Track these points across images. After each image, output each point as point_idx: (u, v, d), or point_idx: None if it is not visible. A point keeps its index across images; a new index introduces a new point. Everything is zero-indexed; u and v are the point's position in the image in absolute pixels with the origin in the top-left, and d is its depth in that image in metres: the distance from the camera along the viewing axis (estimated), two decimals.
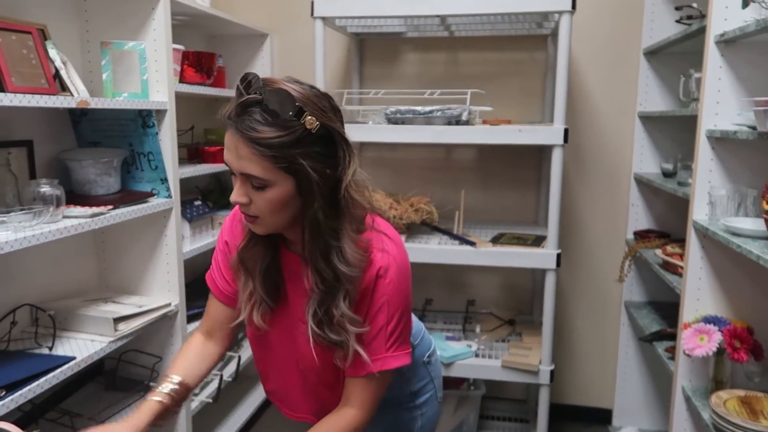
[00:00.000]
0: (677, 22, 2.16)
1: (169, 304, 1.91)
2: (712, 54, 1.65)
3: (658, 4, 2.40)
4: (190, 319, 2.06)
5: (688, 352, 1.66)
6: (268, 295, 1.13)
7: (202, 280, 1.33)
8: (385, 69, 2.74)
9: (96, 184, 1.76)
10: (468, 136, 2.15)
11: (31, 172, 1.68)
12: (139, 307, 1.82)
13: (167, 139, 1.88)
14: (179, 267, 1.95)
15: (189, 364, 1.22)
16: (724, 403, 1.57)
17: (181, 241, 1.96)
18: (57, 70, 1.58)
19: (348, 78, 2.74)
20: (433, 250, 2.20)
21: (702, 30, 1.78)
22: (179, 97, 1.96)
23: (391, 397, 1.23)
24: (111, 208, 1.67)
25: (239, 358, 2.26)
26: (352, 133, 2.59)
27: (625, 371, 2.66)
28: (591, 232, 2.69)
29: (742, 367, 1.69)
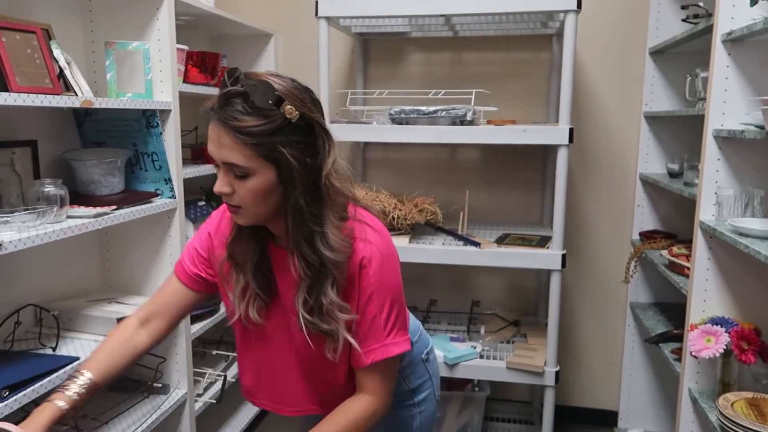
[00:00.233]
0: (683, 21, 2.14)
1: None
2: (719, 53, 1.63)
3: (663, 3, 2.39)
4: (194, 319, 2.06)
5: (695, 354, 1.64)
6: (261, 290, 1.14)
7: None
8: (389, 69, 2.73)
9: (100, 184, 1.75)
10: (472, 136, 2.14)
11: (35, 172, 1.68)
12: None
13: (171, 139, 1.88)
14: None
15: (107, 362, 1.17)
16: (732, 405, 1.55)
17: (184, 242, 1.96)
18: (61, 70, 1.58)
19: (352, 78, 2.74)
20: (438, 250, 2.19)
21: (708, 29, 1.77)
22: (183, 97, 1.96)
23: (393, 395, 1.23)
24: (115, 208, 1.67)
25: None
26: (357, 133, 2.58)
27: (631, 373, 2.64)
28: (596, 233, 2.67)
29: (750, 368, 1.67)
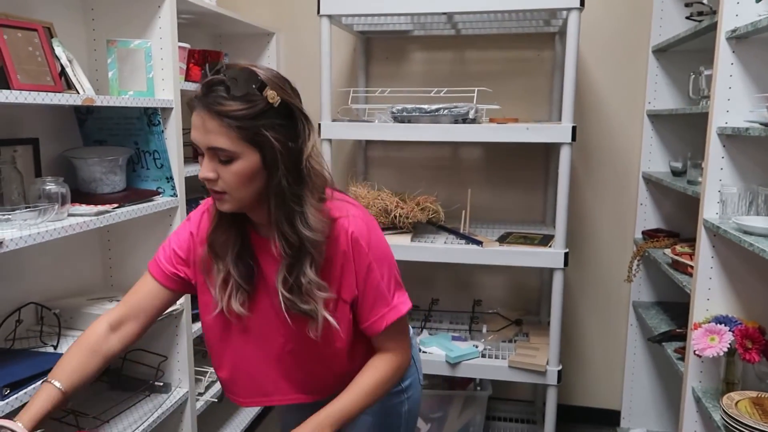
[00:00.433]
0: (687, 18, 2.14)
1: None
2: (724, 50, 1.63)
3: (667, 1, 2.38)
4: (195, 318, 2.05)
5: (698, 353, 1.64)
6: (243, 279, 1.14)
7: None
8: (391, 68, 2.72)
9: (101, 182, 1.75)
10: (475, 134, 2.13)
11: (37, 170, 1.67)
12: None
13: (173, 137, 1.87)
14: None
15: (76, 367, 1.16)
16: (736, 404, 1.55)
17: None
18: (63, 68, 1.58)
19: (354, 77, 2.73)
20: (440, 249, 2.18)
21: (712, 26, 1.76)
22: (185, 95, 1.95)
23: None
24: (116, 206, 1.67)
25: None
26: (359, 131, 2.57)
27: (634, 372, 2.64)
28: (599, 232, 2.67)
29: (754, 367, 1.67)
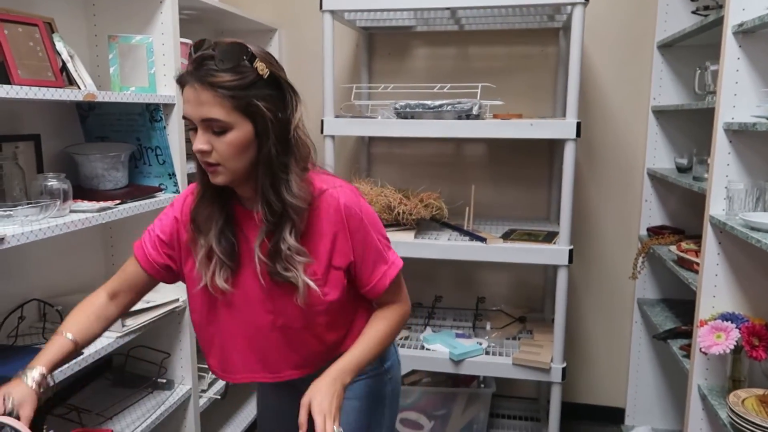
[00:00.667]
0: (693, 13, 2.12)
1: (177, 300, 1.89)
2: (730, 45, 1.61)
3: None
4: None
5: (704, 350, 1.62)
6: (226, 255, 1.15)
7: None
8: (394, 64, 2.71)
9: (104, 178, 1.74)
10: (478, 130, 2.12)
11: (39, 167, 1.67)
12: (147, 302, 1.80)
13: (175, 133, 1.86)
14: None
15: (86, 325, 1.20)
16: (743, 402, 1.53)
17: None
18: (64, 63, 1.57)
19: (357, 73, 2.72)
20: (443, 246, 2.17)
21: (719, 21, 1.74)
22: None
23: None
24: (118, 202, 1.66)
25: None
26: (362, 127, 2.56)
27: (638, 370, 2.62)
28: (603, 229, 2.65)
29: (760, 365, 1.65)
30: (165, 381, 1.94)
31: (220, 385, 2.15)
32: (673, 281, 2.43)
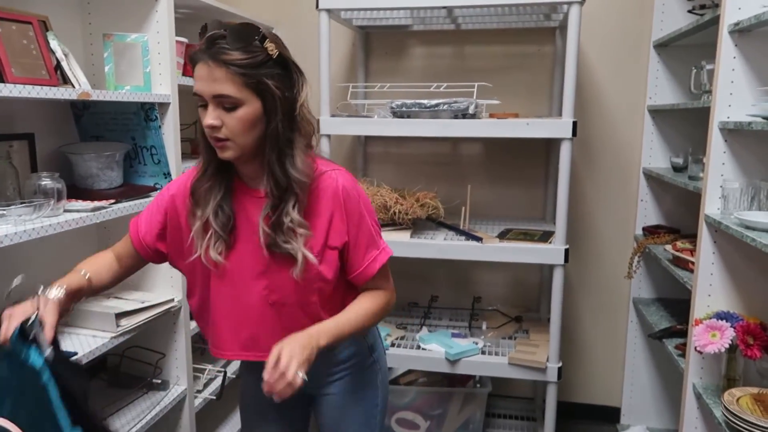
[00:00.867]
0: (689, 12, 2.12)
1: (172, 300, 1.89)
2: (726, 44, 1.61)
3: None
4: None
5: (699, 349, 1.62)
6: (222, 228, 1.19)
7: None
8: (390, 63, 2.71)
9: (98, 178, 1.74)
10: (475, 129, 2.12)
11: (33, 166, 1.66)
12: (142, 302, 1.80)
13: (170, 132, 1.86)
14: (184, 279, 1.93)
15: (100, 270, 1.26)
16: (737, 400, 1.53)
17: None
18: (58, 62, 1.56)
19: (353, 72, 2.72)
20: (439, 245, 2.17)
21: (715, 20, 1.75)
22: (183, 90, 1.93)
23: (353, 356, 1.34)
24: (113, 202, 1.65)
25: None
26: (358, 127, 2.55)
27: (634, 369, 2.63)
28: (599, 228, 2.65)
29: (755, 364, 1.65)
30: (160, 381, 1.94)
31: (215, 385, 2.15)
32: (668, 280, 2.43)
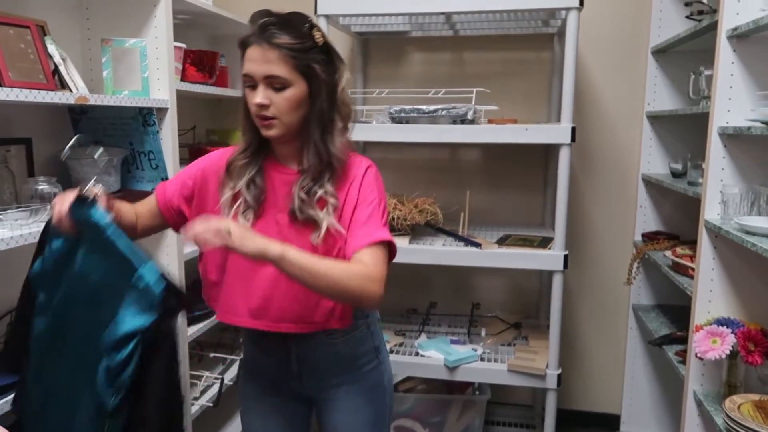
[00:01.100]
0: (687, 18, 2.13)
1: None
2: (724, 49, 1.61)
3: (666, 1, 2.37)
4: (191, 321, 2.02)
5: (700, 355, 1.62)
6: (253, 199, 1.25)
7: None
8: (389, 69, 2.71)
9: (96, 183, 1.73)
10: (473, 135, 2.12)
11: (30, 171, 1.65)
12: None
13: (168, 138, 1.85)
14: (180, 268, 1.92)
15: (122, 205, 1.27)
16: (739, 407, 1.52)
17: (181, 242, 1.93)
18: (56, 66, 1.56)
19: (352, 78, 2.69)
20: (438, 251, 2.16)
21: (712, 26, 1.75)
22: (181, 96, 1.93)
23: (360, 357, 1.36)
24: None
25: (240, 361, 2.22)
26: (356, 133, 2.55)
27: (633, 376, 2.61)
28: (598, 234, 2.65)
29: (756, 370, 1.64)
30: None
31: (212, 392, 2.13)
32: (668, 287, 2.43)
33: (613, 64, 2.53)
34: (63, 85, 1.58)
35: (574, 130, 1.99)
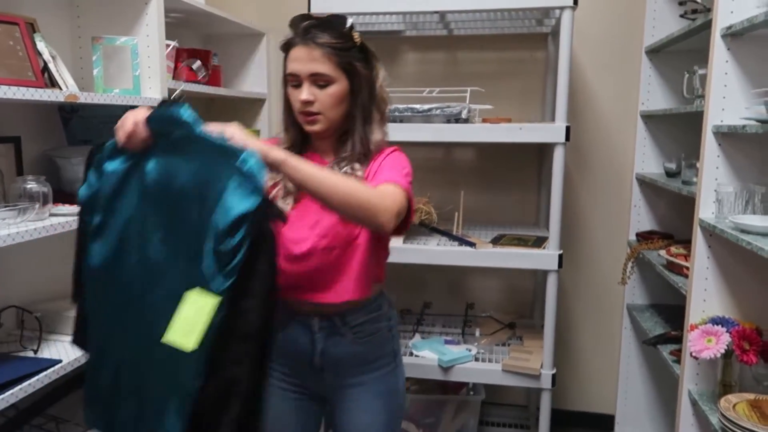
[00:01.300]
0: (681, 16, 2.13)
1: None
2: (719, 48, 1.61)
3: (660, 1, 2.37)
4: None
5: (695, 355, 1.61)
6: (294, 186, 1.29)
7: None
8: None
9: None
10: (468, 134, 2.11)
11: (19, 170, 1.63)
12: None
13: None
14: None
15: None
16: (734, 407, 1.52)
17: None
18: (45, 64, 1.54)
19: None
20: (432, 251, 2.15)
21: (706, 25, 1.75)
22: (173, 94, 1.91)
23: (381, 358, 1.39)
24: None
25: None
26: None
27: (628, 376, 2.61)
28: (592, 234, 2.65)
29: (751, 369, 1.64)
30: None
31: None
32: (663, 286, 2.42)
33: (606, 63, 2.53)
34: (53, 83, 1.55)
35: (568, 129, 1.98)
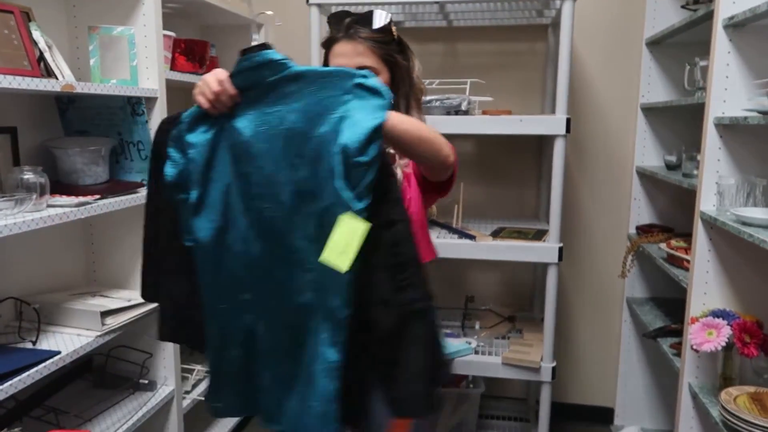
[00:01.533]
0: (682, 7, 2.12)
1: None
2: (720, 39, 1.59)
3: None
4: None
5: (696, 348, 1.60)
6: None
7: None
8: None
9: (83, 173, 1.70)
10: (467, 126, 2.09)
11: (15, 160, 1.62)
12: (128, 301, 1.76)
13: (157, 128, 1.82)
14: None
15: None
16: (735, 399, 1.52)
17: None
18: (41, 54, 1.52)
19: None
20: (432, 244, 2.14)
21: (708, 15, 1.73)
22: (170, 86, 1.90)
23: None
24: (98, 197, 1.61)
25: None
26: None
27: (628, 369, 2.61)
28: (592, 227, 2.64)
29: (751, 362, 1.64)
30: (147, 382, 1.89)
31: (204, 386, 2.10)
32: (663, 279, 2.42)
33: (607, 55, 2.52)
34: (49, 72, 1.54)
35: (569, 121, 1.97)
